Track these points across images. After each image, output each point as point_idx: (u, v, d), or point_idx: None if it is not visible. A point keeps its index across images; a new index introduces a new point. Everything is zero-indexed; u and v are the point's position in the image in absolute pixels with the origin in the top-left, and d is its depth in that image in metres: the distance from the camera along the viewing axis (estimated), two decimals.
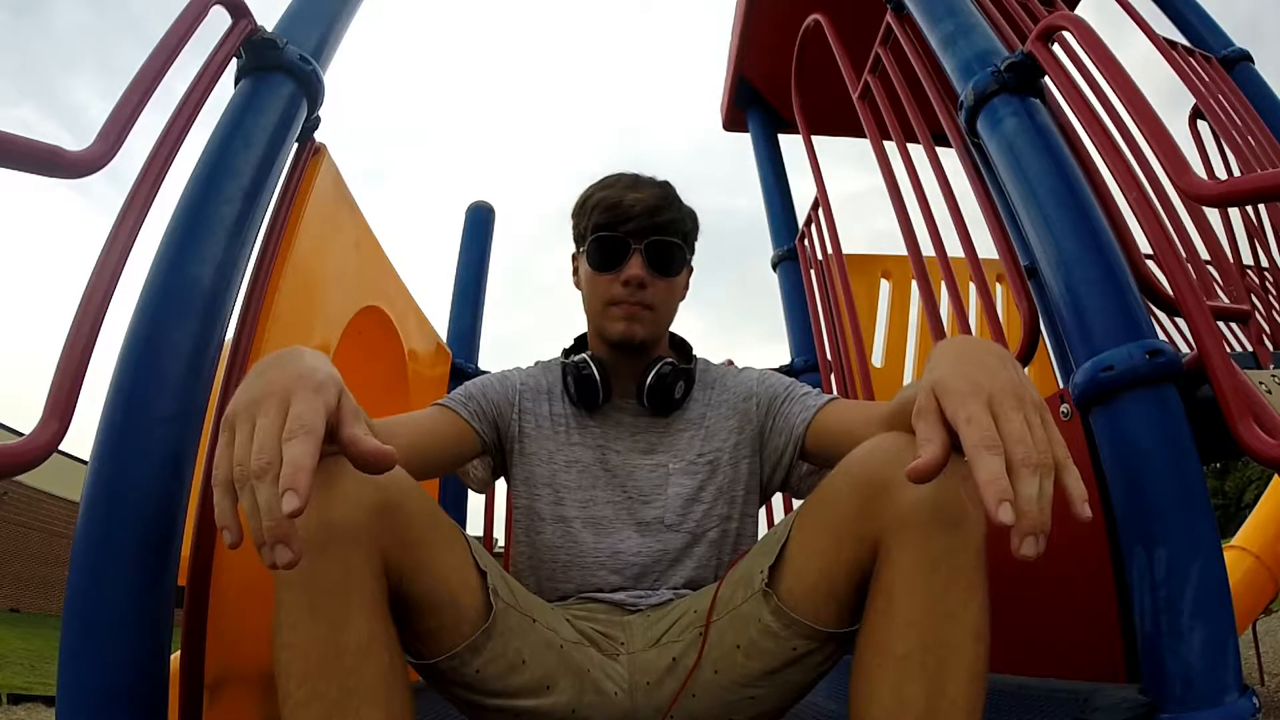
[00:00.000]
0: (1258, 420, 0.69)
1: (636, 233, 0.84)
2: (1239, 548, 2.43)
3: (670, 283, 0.87)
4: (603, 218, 0.85)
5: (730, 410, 0.91)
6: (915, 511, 0.55)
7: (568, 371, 0.88)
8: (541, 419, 0.90)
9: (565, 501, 0.85)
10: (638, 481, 0.86)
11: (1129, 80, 0.84)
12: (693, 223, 0.91)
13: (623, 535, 0.84)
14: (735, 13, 2.43)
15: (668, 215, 0.85)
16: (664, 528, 0.84)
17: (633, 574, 0.83)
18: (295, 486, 0.41)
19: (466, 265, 2.15)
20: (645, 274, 0.84)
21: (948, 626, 0.53)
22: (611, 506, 0.85)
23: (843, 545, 0.60)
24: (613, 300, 0.85)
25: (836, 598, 0.61)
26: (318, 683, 0.51)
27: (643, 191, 0.85)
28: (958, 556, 0.54)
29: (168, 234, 0.81)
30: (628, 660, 0.74)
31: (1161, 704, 0.67)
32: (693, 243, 0.92)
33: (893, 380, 2.04)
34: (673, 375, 0.86)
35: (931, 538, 0.54)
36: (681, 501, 0.85)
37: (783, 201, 2.47)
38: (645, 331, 0.86)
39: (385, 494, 0.57)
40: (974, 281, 1.17)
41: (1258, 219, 1.59)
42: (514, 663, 0.66)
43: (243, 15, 0.93)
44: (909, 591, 0.54)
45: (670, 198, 0.87)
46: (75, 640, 0.65)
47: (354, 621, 0.52)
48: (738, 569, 0.73)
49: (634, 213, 0.83)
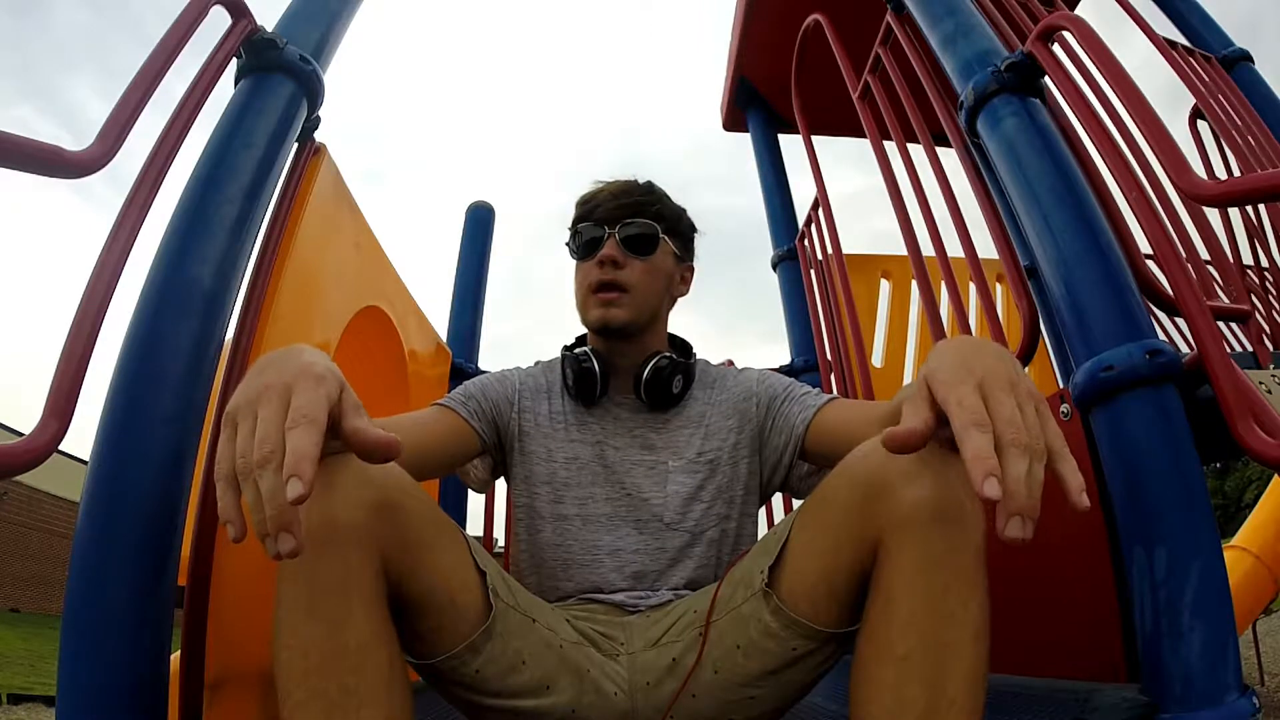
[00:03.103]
0: (1258, 420, 0.69)
1: (609, 219, 0.87)
2: (1239, 548, 2.43)
3: (647, 263, 0.88)
4: (580, 210, 0.90)
5: (730, 410, 0.91)
6: (915, 511, 0.54)
7: (567, 364, 0.89)
8: (540, 417, 0.90)
9: (564, 499, 0.86)
10: (636, 479, 0.86)
11: (1129, 80, 0.84)
12: (672, 213, 0.92)
13: (621, 533, 0.84)
14: (735, 13, 2.43)
15: (637, 199, 0.88)
16: (663, 526, 0.84)
17: (632, 572, 0.83)
18: (299, 473, 0.41)
19: (466, 265, 2.15)
20: (619, 254, 0.86)
21: (948, 626, 0.53)
22: (610, 504, 0.85)
23: (842, 545, 0.60)
24: (592, 286, 0.87)
25: (836, 598, 0.61)
26: (317, 682, 0.51)
27: (616, 185, 0.89)
28: (958, 556, 0.54)
29: (168, 234, 0.81)
30: (627, 660, 0.74)
31: (1161, 704, 0.67)
32: (678, 231, 0.93)
33: (893, 380, 2.04)
34: (670, 369, 0.87)
35: (931, 538, 0.54)
36: (680, 500, 0.85)
37: (783, 201, 2.47)
38: (625, 315, 0.86)
39: (385, 493, 0.57)
40: (974, 281, 1.17)
41: (1258, 219, 1.59)
42: (514, 663, 0.66)
43: (243, 15, 0.93)
44: (909, 592, 0.54)
45: (643, 188, 0.90)
46: (75, 640, 0.65)
47: (354, 621, 0.52)
48: (737, 569, 0.73)
49: (605, 200, 0.88)
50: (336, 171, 1.13)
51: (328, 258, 1.11)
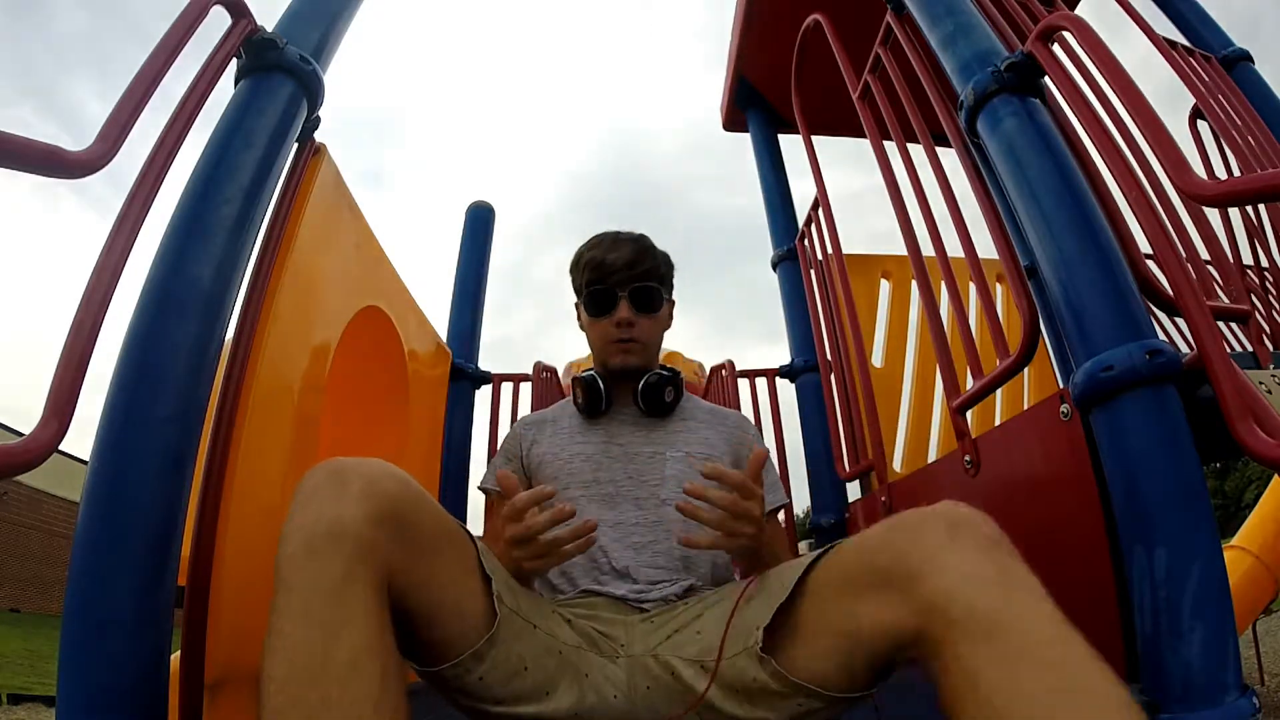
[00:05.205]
0: (1258, 420, 0.69)
1: (621, 283, 1.01)
2: (1239, 548, 2.43)
3: (654, 318, 1.04)
4: (592, 275, 1.02)
5: (727, 435, 1.05)
6: (957, 601, 0.50)
7: (577, 383, 1.03)
8: (547, 437, 1.04)
9: (571, 486, 0.96)
10: (638, 465, 0.98)
11: (1129, 80, 0.84)
12: (667, 266, 1.07)
13: (624, 510, 0.94)
14: (735, 13, 2.43)
15: (645, 266, 1.02)
16: (659, 502, 0.94)
17: (632, 543, 0.90)
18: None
19: (466, 265, 2.15)
20: (632, 315, 1.01)
21: (1062, 673, 0.46)
22: (613, 485, 0.96)
23: (863, 630, 0.58)
24: (609, 339, 1.02)
25: (852, 672, 0.61)
26: (298, 690, 0.48)
27: (622, 249, 1.01)
28: (1022, 608, 0.49)
29: (168, 234, 0.81)
30: (626, 664, 0.76)
31: (1162, 704, 0.67)
32: (670, 281, 1.09)
33: (893, 380, 2.04)
34: (660, 381, 1.02)
35: (991, 625, 0.49)
36: (676, 483, 0.94)
37: (783, 201, 2.46)
38: (638, 360, 1.03)
39: (394, 505, 0.58)
40: (974, 281, 1.17)
41: (1258, 219, 1.59)
42: (516, 668, 0.67)
43: (243, 15, 0.93)
44: (1011, 695, 0.46)
45: (646, 250, 1.03)
46: (75, 640, 0.65)
47: (347, 632, 0.51)
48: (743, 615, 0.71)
49: (616, 267, 1.00)
50: (336, 171, 1.14)
51: (328, 258, 1.11)
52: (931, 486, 1.34)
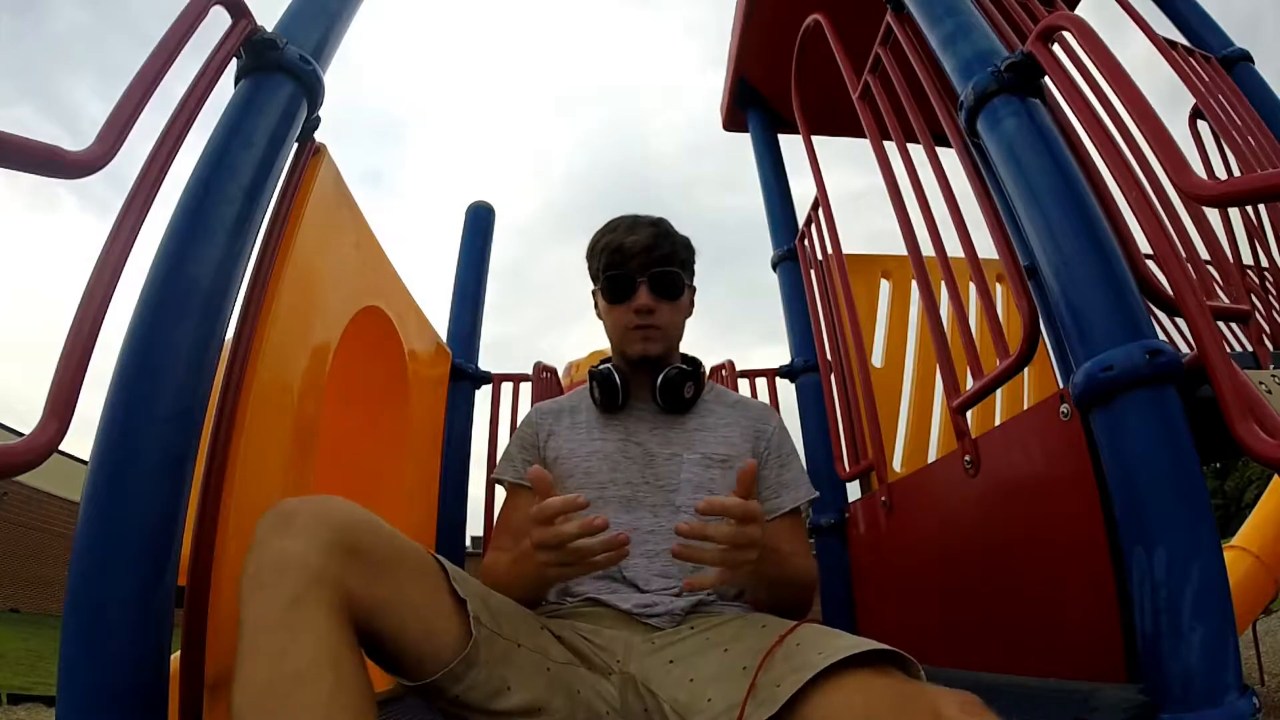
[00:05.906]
0: (1258, 420, 0.69)
1: (640, 268, 0.97)
2: (1239, 548, 2.43)
3: (675, 304, 1.00)
4: (610, 259, 0.98)
5: (746, 428, 1.00)
6: None
7: (593, 376, 1.00)
8: (564, 429, 1.01)
9: (587, 486, 0.93)
10: (655, 468, 0.95)
11: (1129, 80, 0.84)
12: (687, 250, 1.03)
13: (640, 514, 0.91)
14: (735, 13, 2.43)
15: (665, 250, 0.98)
16: (675, 509, 0.91)
17: (644, 550, 0.88)
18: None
19: (466, 265, 2.15)
20: (651, 301, 0.97)
21: None
22: (630, 488, 0.93)
23: None
24: (629, 326, 0.97)
25: None
26: (250, 713, 0.50)
27: (640, 232, 0.97)
28: None
29: (168, 234, 0.80)
30: (619, 680, 0.75)
31: (1162, 704, 0.67)
32: (691, 267, 1.04)
33: (893, 380, 2.03)
34: (680, 376, 0.98)
35: None
36: (692, 488, 0.92)
37: (782, 201, 2.46)
38: (659, 348, 0.98)
39: (342, 532, 0.59)
40: (974, 281, 1.17)
41: (1258, 219, 1.59)
42: (498, 688, 0.67)
43: (243, 15, 0.93)
44: None
45: (666, 233, 0.99)
46: (75, 640, 0.65)
47: (294, 649, 0.52)
48: (760, 690, 0.65)
49: (635, 251, 0.96)
50: (336, 171, 1.13)
51: (327, 258, 1.11)
52: (931, 486, 1.34)
